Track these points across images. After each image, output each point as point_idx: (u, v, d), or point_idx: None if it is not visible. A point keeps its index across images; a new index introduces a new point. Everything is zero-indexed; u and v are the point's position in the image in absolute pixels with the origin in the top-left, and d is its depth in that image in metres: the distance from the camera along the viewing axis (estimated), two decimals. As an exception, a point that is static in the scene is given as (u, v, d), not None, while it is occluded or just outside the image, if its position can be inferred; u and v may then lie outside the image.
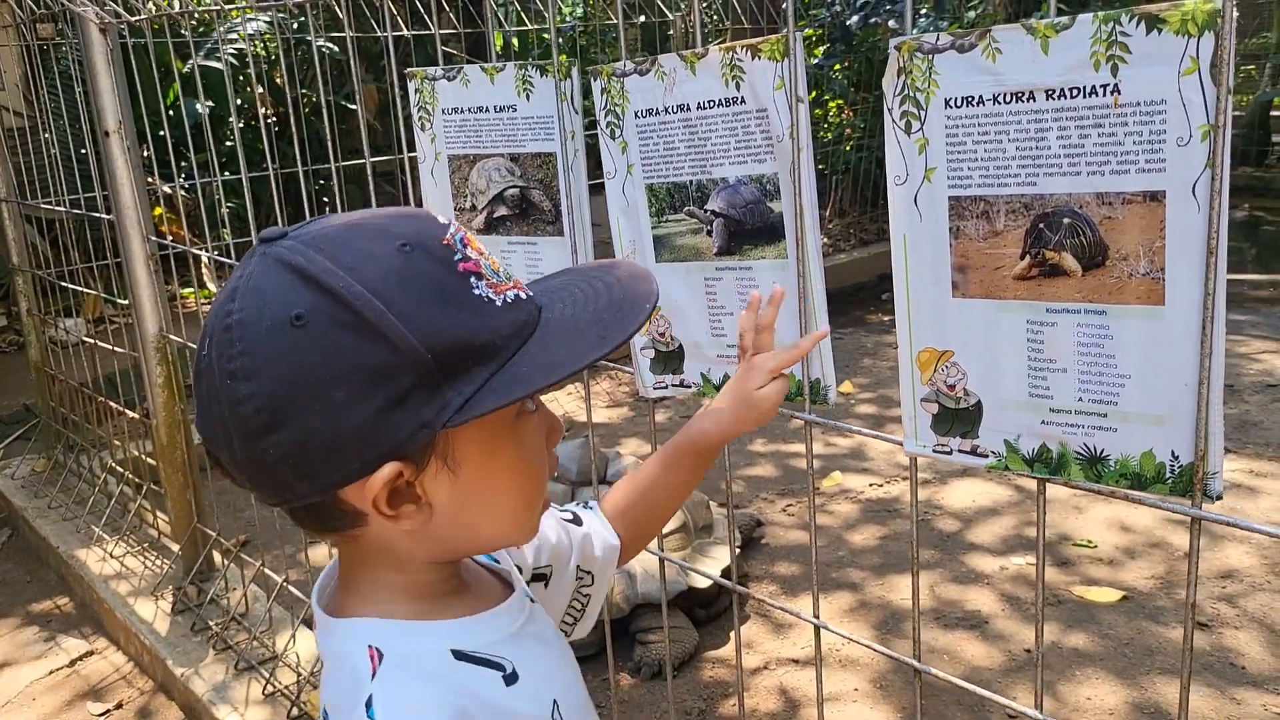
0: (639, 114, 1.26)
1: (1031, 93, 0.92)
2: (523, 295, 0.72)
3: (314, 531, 0.77)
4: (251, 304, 0.66)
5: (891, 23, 5.52)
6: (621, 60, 1.26)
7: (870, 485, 3.60)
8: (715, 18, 6.20)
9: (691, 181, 1.24)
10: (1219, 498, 0.90)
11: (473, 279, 0.69)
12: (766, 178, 1.17)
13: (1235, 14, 0.83)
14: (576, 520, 1.04)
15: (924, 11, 5.73)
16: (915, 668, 1.17)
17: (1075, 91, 0.90)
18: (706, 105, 1.19)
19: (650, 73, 1.23)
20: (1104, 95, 0.89)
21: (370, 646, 0.73)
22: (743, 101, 1.16)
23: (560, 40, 5.68)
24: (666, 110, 1.23)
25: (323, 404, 0.65)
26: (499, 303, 0.69)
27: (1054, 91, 0.91)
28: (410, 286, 0.66)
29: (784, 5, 1.08)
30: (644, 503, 1.07)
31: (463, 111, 1.50)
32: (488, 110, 1.48)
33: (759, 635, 2.74)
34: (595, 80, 1.29)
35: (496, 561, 0.89)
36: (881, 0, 5.78)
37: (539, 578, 0.98)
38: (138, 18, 2.44)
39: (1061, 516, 3.26)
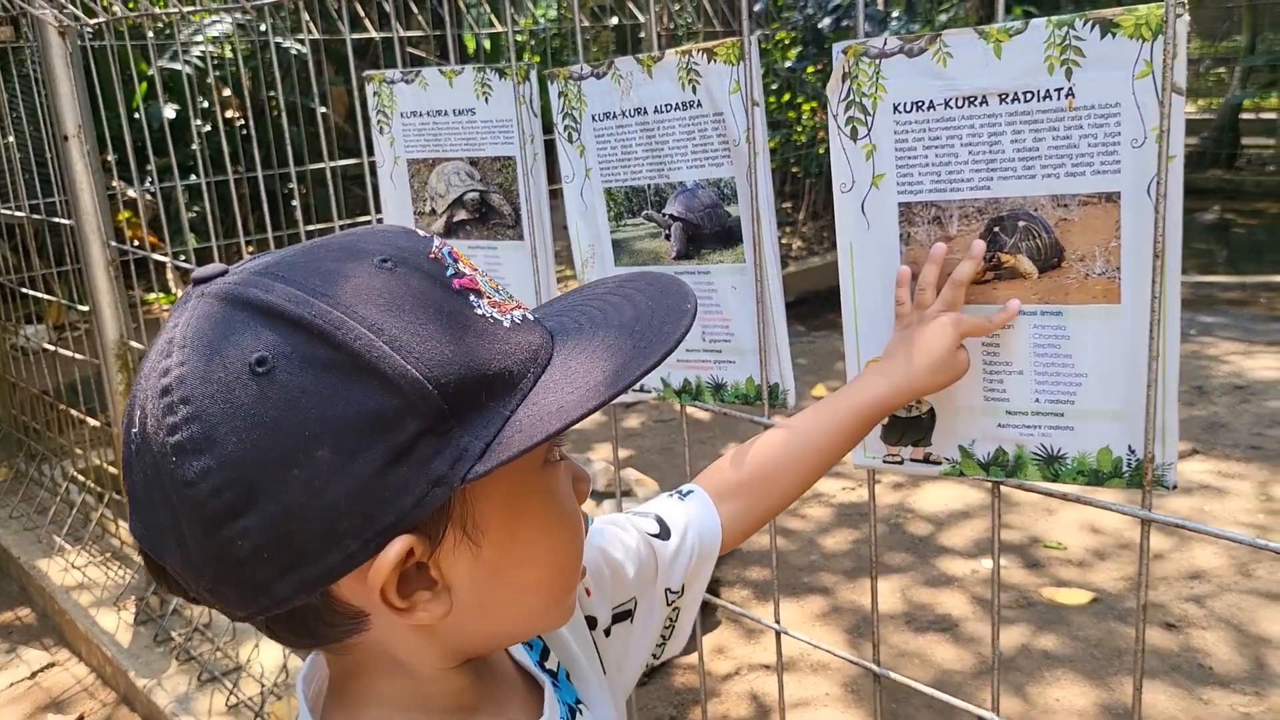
0: (596, 117, 1.24)
1: (984, 97, 0.92)
2: (529, 316, 0.60)
3: (301, 647, 0.60)
4: (195, 355, 0.51)
5: (867, 26, 5.53)
6: (579, 63, 1.25)
7: (842, 489, 3.60)
8: (688, 19, 6.20)
9: (649, 185, 1.22)
10: (1174, 487, 0.90)
11: (471, 296, 0.56)
12: (724, 181, 1.16)
13: (1185, 19, 0.82)
14: (664, 531, 0.86)
15: (896, 15, 5.76)
16: (875, 672, 1.16)
17: (1029, 95, 0.90)
18: (663, 109, 1.18)
19: (607, 76, 1.22)
20: (1058, 98, 0.89)
21: None
22: (699, 105, 1.15)
23: (533, 43, 5.66)
24: (624, 114, 1.22)
25: (303, 470, 0.50)
26: (506, 323, 0.56)
27: (1008, 95, 0.91)
28: (400, 309, 0.52)
29: (740, 9, 1.07)
30: (780, 473, 0.91)
31: (421, 115, 1.48)
32: (446, 113, 1.46)
33: (730, 641, 2.73)
34: (552, 83, 1.27)
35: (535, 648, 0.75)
36: (854, 3, 5.79)
37: (621, 616, 0.83)
38: (97, 20, 2.40)
39: (1032, 519, 3.27)
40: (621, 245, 1.28)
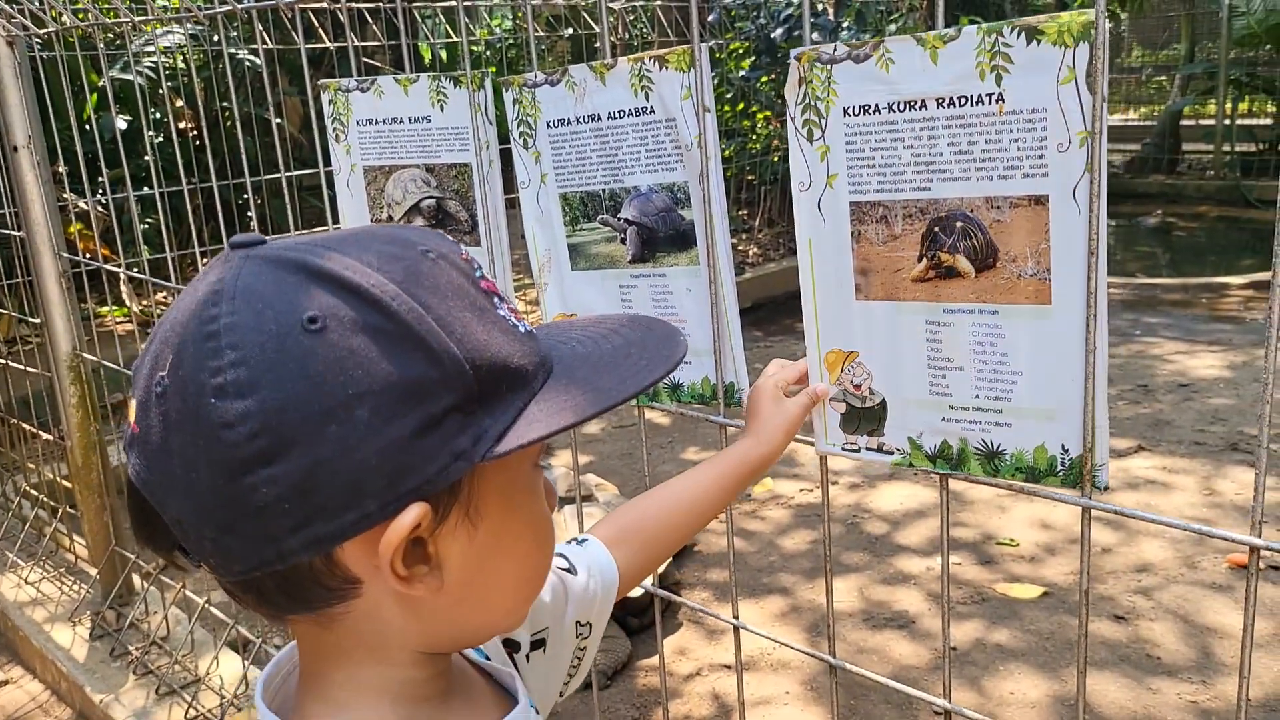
0: (551, 124, 1.27)
1: (924, 101, 0.96)
2: (533, 329, 0.63)
3: (280, 612, 0.60)
4: (245, 307, 0.53)
5: (815, 35, 5.60)
6: (533, 71, 1.28)
7: (800, 490, 3.65)
8: (643, 29, 6.25)
9: (604, 190, 1.25)
10: (1106, 488, 0.94)
11: (495, 299, 0.60)
12: (677, 186, 1.19)
13: (1108, 25, 0.87)
14: (571, 568, 0.91)
15: (845, 25, 5.85)
16: (831, 664, 1.19)
17: (964, 100, 0.94)
18: (617, 115, 1.21)
19: (561, 83, 1.25)
20: (990, 103, 0.93)
21: None
22: (652, 111, 1.18)
23: (488, 53, 5.68)
24: (578, 120, 1.25)
25: (341, 428, 0.52)
26: (520, 329, 0.60)
27: (944, 100, 0.95)
28: (445, 295, 0.56)
29: (693, 17, 1.11)
30: (667, 523, 0.99)
31: (377, 123, 1.50)
32: (402, 121, 1.48)
33: (692, 642, 2.76)
34: (507, 91, 1.30)
35: (487, 658, 0.76)
36: (803, 14, 5.88)
37: (537, 644, 0.85)
38: (46, 30, 2.38)
39: (985, 516, 3.34)
40: (578, 249, 1.30)
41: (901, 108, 0.97)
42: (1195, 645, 2.60)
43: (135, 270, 2.42)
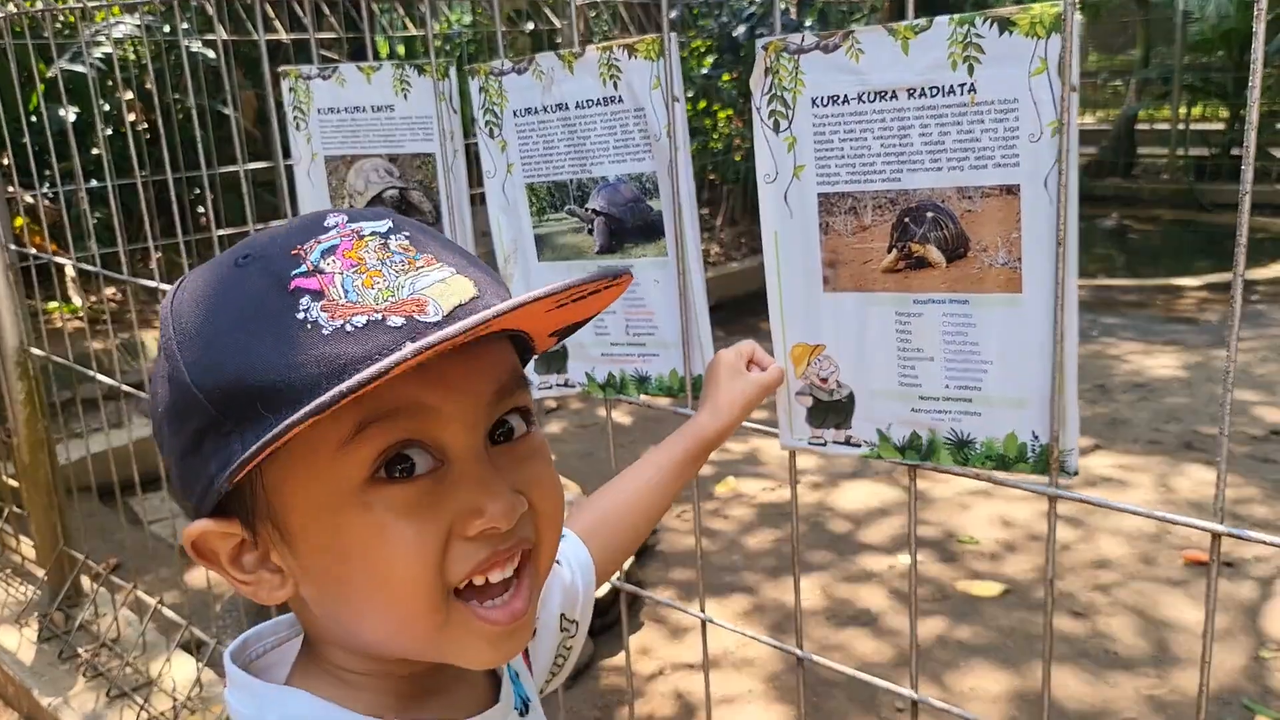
0: (518, 113, 1.25)
1: (894, 91, 0.95)
2: (393, 322, 0.55)
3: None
4: None
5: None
6: (500, 59, 1.25)
7: (763, 489, 3.65)
8: (605, 26, 6.23)
9: (572, 180, 1.23)
10: (1075, 473, 0.94)
11: (305, 299, 0.55)
12: (645, 176, 1.18)
13: (1077, 17, 0.87)
14: (556, 561, 0.88)
15: (809, 23, 5.87)
16: (798, 656, 1.18)
17: (935, 90, 0.93)
18: (585, 104, 1.19)
19: (528, 72, 1.23)
20: (962, 94, 0.92)
21: None
22: (620, 100, 1.16)
23: (448, 48, 5.63)
24: (545, 109, 1.23)
25: (160, 438, 0.61)
26: (327, 330, 0.54)
27: (915, 90, 0.94)
28: (211, 312, 0.57)
29: (664, 5, 1.09)
30: (632, 513, 0.97)
31: (339, 111, 1.46)
32: (365, 110, 1.45)
33: (655, 641, 2.75)
34: (473, 79, 1.28)
35: None
36: (767, 13, 5.90)
37: None
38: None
39: (947, 514, 3.36)
40: (544, 240, 1.28)
41: (871, 98, 0.96)
42: (1152, 639, 2.64)
43: (85, 264, 2.35)
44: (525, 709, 0.73)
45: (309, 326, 0.54)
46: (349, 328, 0.54)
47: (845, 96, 0.97)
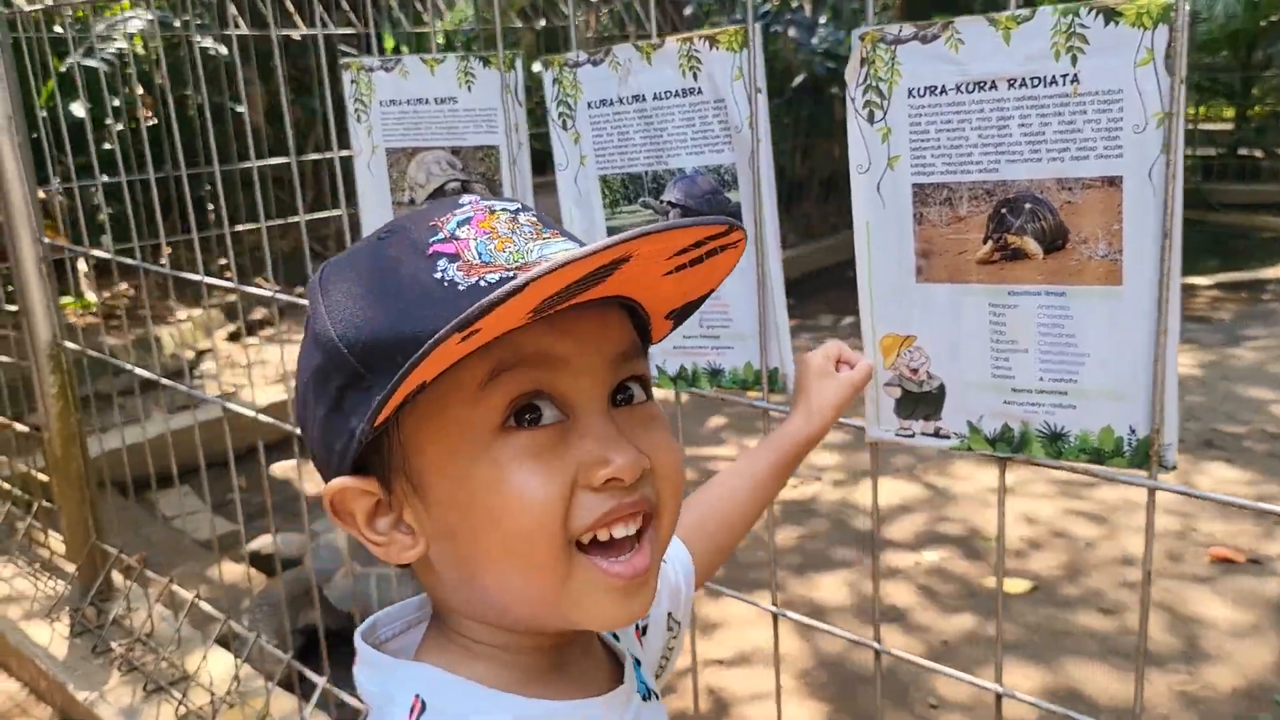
0: (592, 104, 1.25)
1: (994, 82, 0.95)
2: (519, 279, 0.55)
3: None
4: None
5: (791, 31, 5.65)
6: (574, 51, 1.25)
7: (789, 486, 3.65)
8: (606, 22, 6.22)
9: (647, 172, 1.23)
10: (1174, 467, 0.94)
11: (441, 261, 0.58)
12: (724, 168, 1.17)
13: (1188, 7, 0.87)
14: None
15: (824, 21, 5.88)
16: (875, 649, 1.18)
17: (1036, 81, 0.93)
18: (663, 95, 1.19)
19: (604, 63, 1.22)
20: (1064, 84, 0.92)
21: (416, 695, 0.62)
22: (700, 92, 1.16)
23: (456, 45, 5.61)
24: (621, 100, 1.22)
25: (303, 407, 0.64)
26: (462, 286, 0.57)
27: (1016, 80, 0.94)
28: (356, 278, 0.60)
29: (746, 3, 1.09)
30: (729, 518, 0.97)
31: (401, 103, 1.46)
32: (427, 102, 1.44)
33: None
34: (546, 71, 1.27)
35: (617, 639, 0.76)
36: (782, 10, 5.90)
37: (642, 629, 0.83)
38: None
39: (971, 511, 3.37)
40: (618, 233, 1.28)
41: (970, 89, 0.96)
42: (1181, 636, 2.64)
43: (127, 258, 2.35)
44: (648, 696, 0.73)
45: (445, 284, 0.57)
46: (482, 283, 0.57)
47: (943, 87, 0.97)
